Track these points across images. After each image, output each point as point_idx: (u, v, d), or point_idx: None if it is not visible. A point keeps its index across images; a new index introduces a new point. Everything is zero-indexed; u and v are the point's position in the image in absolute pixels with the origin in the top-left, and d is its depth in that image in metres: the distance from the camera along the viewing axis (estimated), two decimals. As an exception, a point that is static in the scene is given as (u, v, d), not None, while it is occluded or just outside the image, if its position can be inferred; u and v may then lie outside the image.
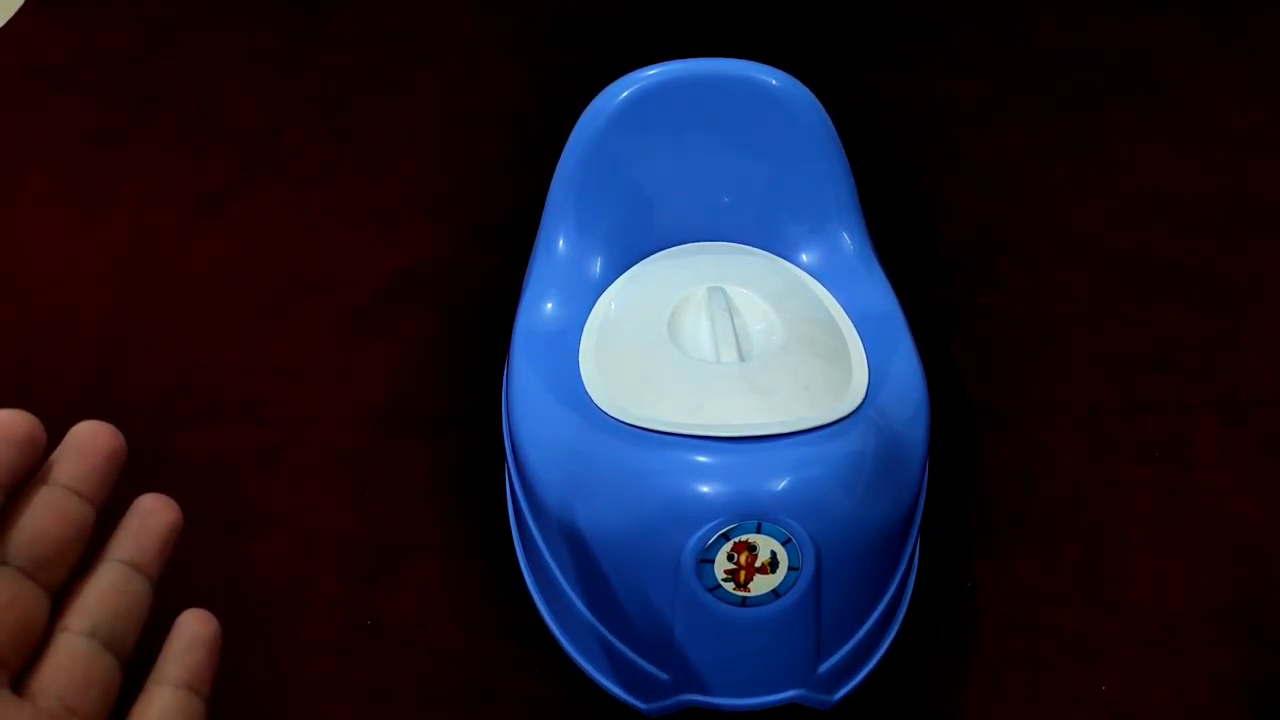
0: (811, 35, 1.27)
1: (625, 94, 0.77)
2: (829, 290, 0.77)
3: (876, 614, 0.68)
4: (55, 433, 0.93)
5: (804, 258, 0.79)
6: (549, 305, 0.77)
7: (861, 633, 0.68)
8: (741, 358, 0.68)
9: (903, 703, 0.72)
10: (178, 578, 0.79)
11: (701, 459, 0.62)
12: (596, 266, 0.78)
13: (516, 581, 0.76)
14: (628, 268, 0.80)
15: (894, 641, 0.72)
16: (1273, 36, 1.25)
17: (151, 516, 0.35)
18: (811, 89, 0.77)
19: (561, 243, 0.79)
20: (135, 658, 0.35)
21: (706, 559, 0.61)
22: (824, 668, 0.66)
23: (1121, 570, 0.78)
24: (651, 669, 0.66)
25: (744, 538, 0.60)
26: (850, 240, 0.79)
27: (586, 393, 0.69)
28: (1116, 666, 0.73)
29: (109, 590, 0.35)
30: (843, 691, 0.68)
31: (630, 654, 0.67)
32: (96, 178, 1.10)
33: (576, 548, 0.67)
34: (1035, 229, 1.03)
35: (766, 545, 0.60)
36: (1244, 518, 0.81)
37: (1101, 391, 0.89)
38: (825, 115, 0.78)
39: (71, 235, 1.04)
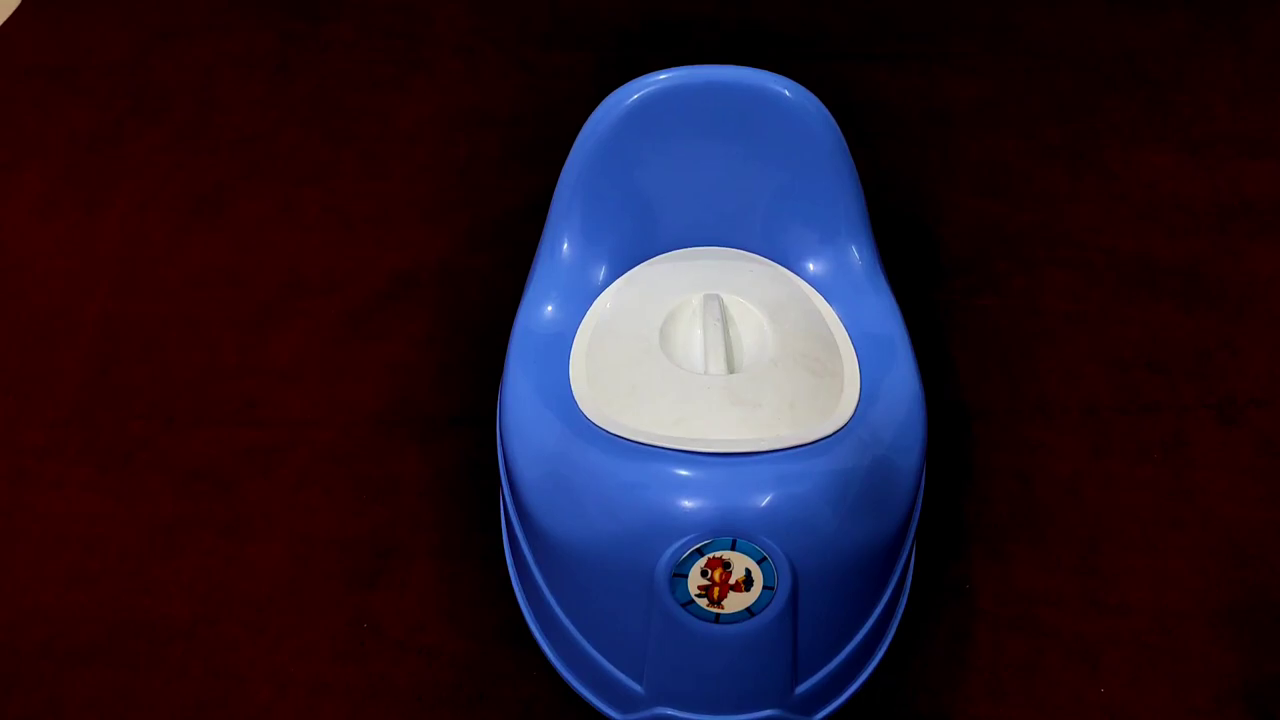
0: (810, 36, 1.27)
1: (634, 97, 0.76)
2: (832, 305, 0.76)
3: (861, 635, 0.68)
4: (54, 436, 0.93)
5: (810, 269, 0.79)
6: (549, 308, 0.76)
7: (844, 654, 0.67)
8: (730, 369, 0.68)
9: (901, 704, 0.72)
10: (175, 579, 0.80)
11: (678, 472, 0.62)
12: (600, 271, 0.78)
13: (510, 585, 0.76)
14: (630, 273, 0.79)
15: (891, 646, 0.72)
16: (1271, 38, 1.25)
17: None
18: (810, 90, 0.77)
19: (566, 246, 0.79)
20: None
21: (680, 574, 0.60)
22: (802, 688, 0.65)
23: (1120, 571, 0.78)
24: (626, 680, 0.66)
25: (718, 554, 0.60)
26: (859, 256, 0.78)
27: (574, 397, 0.69)
28: (1115, 668, 0.73)
29: None
30: (823, 713, 0.68)
31: (606, 664, 0.67)
32: (93, 179, 1.10)
33: (556, 554, 0.67)
34: (1033, 230, 1.03)
35: (741, 563, 0.60)
36: (1242, 518, 0.81)
37: (1099, 392, 0.89)
38: (837, 128, 0.77)
39: (68, 237, 1.04)
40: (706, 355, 0.69)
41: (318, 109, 1.18)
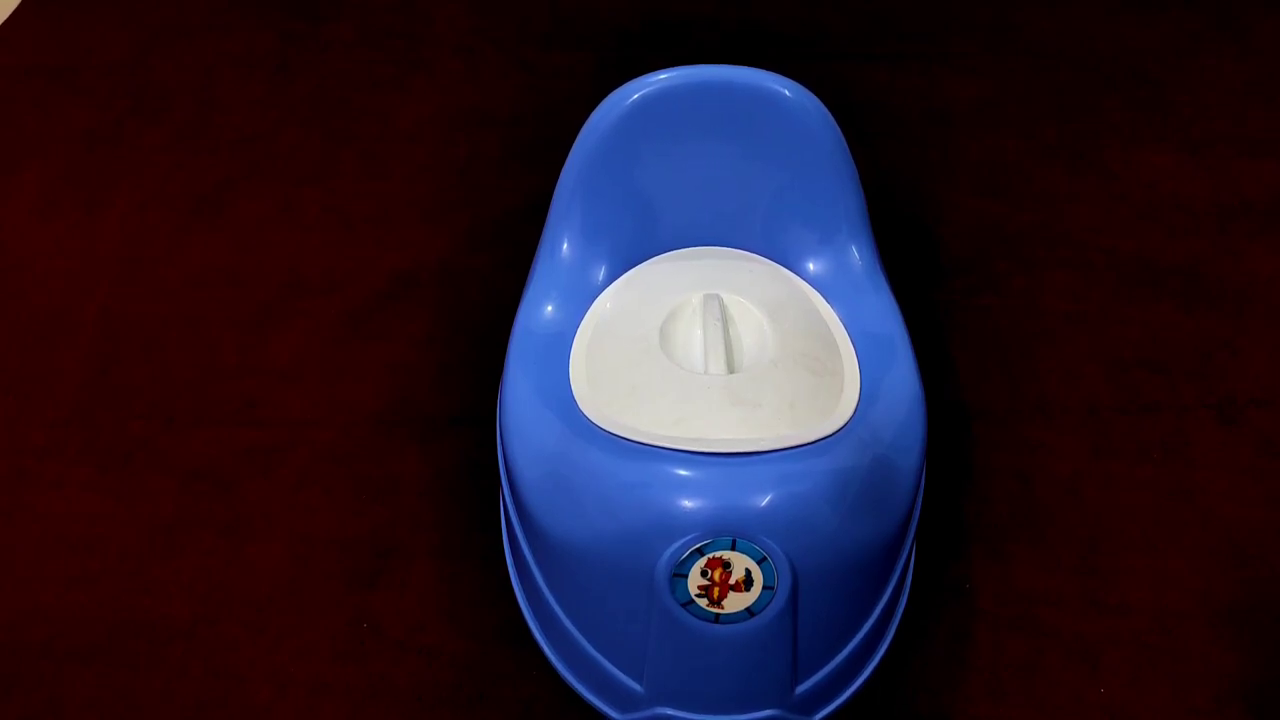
0: (810, 36, 1.27)
1: (634, 97, 0.76)
2: (832, 304, 0.76)
3: (861, 635, 0.68)
4: (54, 436, 0.93)
5: (810, 268, 0.79)
6: (549, 308, 0.76)
7: (844, 654, 0.67)
8: (730, 369, 0.68)
9: (901, 704, 0.72)
10: (175, 579, 0.80)
11: (678, 472, 0.62)
12: (600, 271, 0.78)
13: (510, 585, 0.76)
14: (630, 273, 0.79)
15: (891, 646, 0.71)
16: (1271, 38, 1.25)
17: None
18: (810, 90, 0.77)
19: (565, 246, 0.79)
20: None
21: (680, 573, 0.60)
22: (802, 688, 0.65)
23: (1120, 571, 0.78)
24: (626, 680, 0.66)
25: (718, 554, 0.60)
26: (859, 256, 0.78)
27: (574, 397, 0.69)
28: (1115, 668, 0.73)
29: None
30: (823, 713, 0.67)
31: (605, 664, 0.67)
32: (93, 179, 1.10)
33: (556, 554, 0.67)
34: (1033, 230, 1.03)
35: (740, 563, 0.60)
36: (1242, 518, 0.81)
37: (1099, 392, 0.89)
38: (837, 128, 0.77)
39: (68, 237, 1.04)
40: (706, 355, 0.69)
41: (318, 109, 1.18)
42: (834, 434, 0.64)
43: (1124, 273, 0.99)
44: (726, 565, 0.60)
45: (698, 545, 0.60)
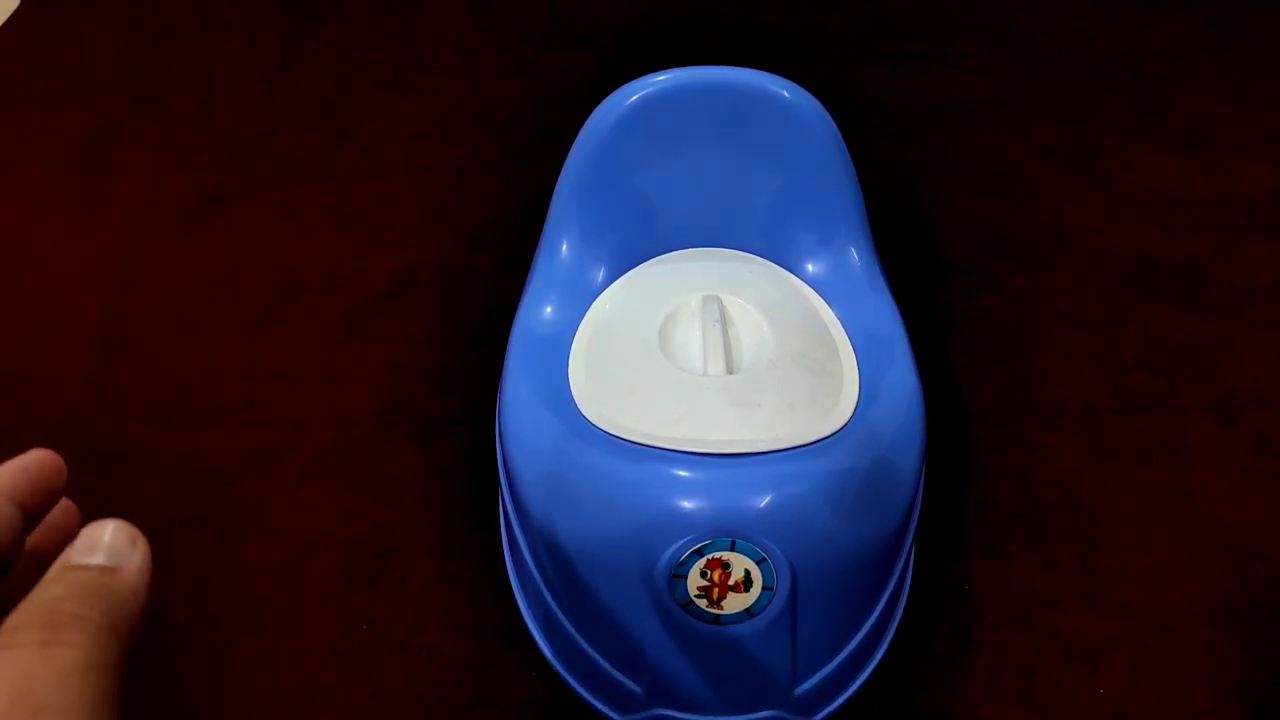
0: (810, 36, 1.27)
1: (633, 99, 0.76)
2: (831, 305, 0.76)
3: (860, 635, 0.67)
4: (53, 436, 0.92)
5: (809, 269, 0.79)
6: (548, 309, 0.76)
7: (844, 654, 0.67)
8: (729, 370, 0.68)
9: (901, 704, 0.72)
10: (175, 580, 0.80)
11: (677, 473, 0.62)
12: (599, 272, 0.78)
13: (510, 586, 0.76)
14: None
15: (891, 646, 0.71)
16: (1271, 38, 1.25)
17: (30, 460, 0.36)
18: (810, 90, 0.77)
19: (565, 247, 0.79)
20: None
21: (679, 574, 0.60)
22: (802, 689, 0.65)
23: (1119, 571, 0.78)
24: (625, 681, 0.66)
25: (717, 554, 0.60)
26: (858, 257, 0.78)
27: (573, 398, 0.69)
28: (1115, 668, 0.73)
29: None
30: (823, 713, 0.67)
31: (605, 664, 0.66)
32: (93, 179, 1.10)
33: (556, 554, 0.67)
34: (1033, 231, 1.03)
35: (740, 563, 0.60)
36: (1241, 518, 0.81)
37: (1099, 393, 0.89)
38: (836, 129, 0.77)
39: (68, 237, 1.04)
40: (705, 356, 0.69)
41: (317, 109, 1.18)
42: (833, 435, 0.64)
43: (1124, 273, 0.99)
44: (726, 566, 0.60)
45: (697, 546, 0.60)
